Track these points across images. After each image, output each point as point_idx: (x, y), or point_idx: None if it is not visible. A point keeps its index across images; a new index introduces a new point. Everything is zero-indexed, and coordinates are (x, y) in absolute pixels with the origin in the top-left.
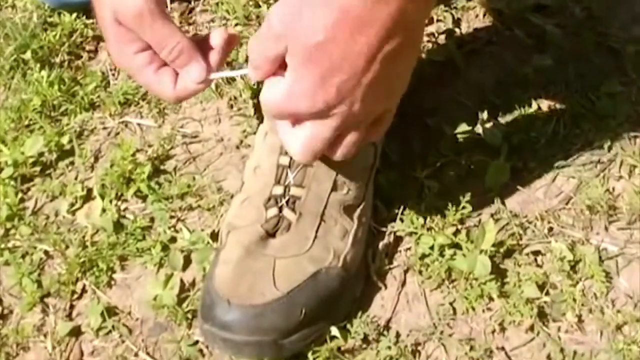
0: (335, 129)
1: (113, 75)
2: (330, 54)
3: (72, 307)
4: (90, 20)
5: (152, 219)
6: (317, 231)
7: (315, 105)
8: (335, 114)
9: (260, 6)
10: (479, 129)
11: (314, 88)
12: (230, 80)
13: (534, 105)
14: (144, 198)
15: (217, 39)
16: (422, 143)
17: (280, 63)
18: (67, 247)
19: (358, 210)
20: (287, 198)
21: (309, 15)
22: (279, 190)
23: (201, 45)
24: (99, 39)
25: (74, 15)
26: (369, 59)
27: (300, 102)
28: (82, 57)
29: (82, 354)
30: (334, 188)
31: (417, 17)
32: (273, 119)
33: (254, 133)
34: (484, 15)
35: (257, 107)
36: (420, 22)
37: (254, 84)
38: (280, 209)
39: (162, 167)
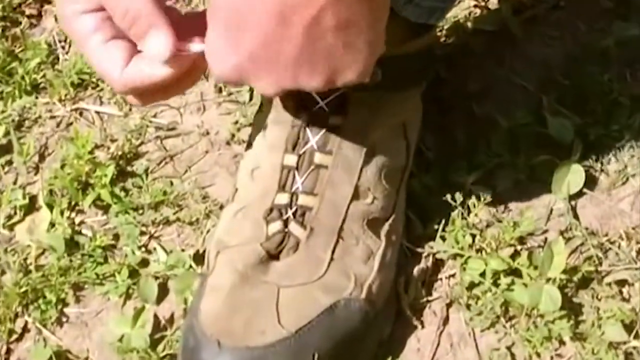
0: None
1: (63, 48)
2: (237, 9)
3: (9, 351)
4: None
5: (116, 236)
6: (333, 252)
7: (232, 70)
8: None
9: None
10: (543, 120)
11: (225, 52)
12: None
13: (616, 89)
14: (105, 208)
15: None
16: (468, 137)
17: None
18: (3, 272)
19: (386, 225)
20: (294, 209)
21: None
22: (283, 198)
23: (195, 22)
24: (42, 0)
25: None
26: (282, 22)
27: (216, 65)
28: (21, 23)
29: None
30: (355, 196)
31: None
32: (275, 105)
33: (249, 125)
34: None
35: (253, 92)
36: None
37: None
38: (286, 223)
39: (129, 169)
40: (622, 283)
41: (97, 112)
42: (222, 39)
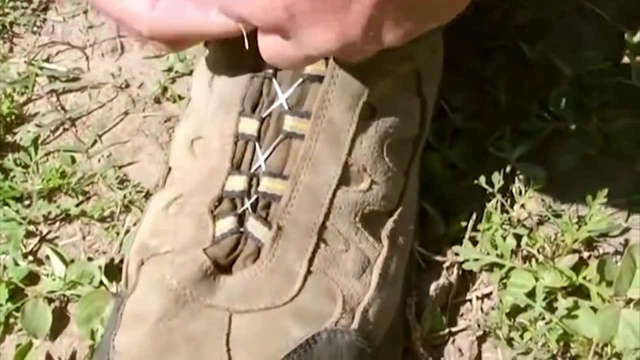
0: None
1: None
2: None
3: None
4: None
5: None
6: (310, 261)
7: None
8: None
9: None
10: (626, 65)
11: (325, 28)
12: None
13: None
14: None
15: None
16: (514, 93)
17: None
18: None
19: (390, 223)
20: (254, 198)
21: None
22: (238, 182)
23: None
24: None
25: None
26: None
27: (313, 46)
28: None
29: None
30: (344, 179)
31: None
32: (222, 45)
33: (189, 73)
34: None
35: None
36: None
37: None
38: (241, 220)
39: (9, 138)
40: None
41: None
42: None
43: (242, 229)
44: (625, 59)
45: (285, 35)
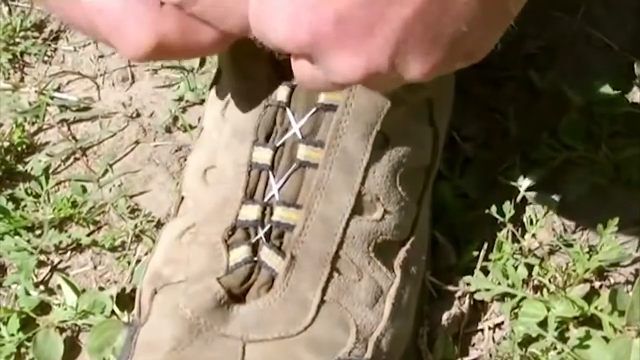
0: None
1: None
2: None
3: None
4: None
5: (1, 268)
6: (324, 291)
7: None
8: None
9: None
10: (635, 94)
11: (351, 57)
12: None
13: None
14: None
15: None
16: (524, 123)
17: None
18: None
19: (402, 252)
20: (267, 227)
21: None
22: (252, 212)
23: None
24: None
25: None
26: None
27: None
28: None
29: None
30: (358, 209)
31: None
32: (237, 75)
33: (200, 102)
34: None
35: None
36: None
37: None
38: (255, 249)
39: (20, 168)
40: None
41: None
42: (340, 51)
43: (255, 258)
44: (635, 89)
45: (312, 61)
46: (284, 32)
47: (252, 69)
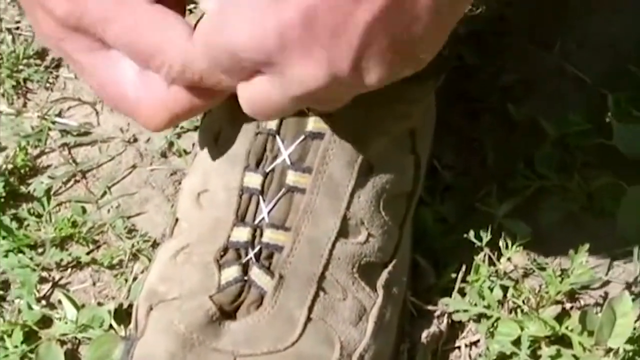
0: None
1: None
2: (332, 20)
3: None
4: None
5: (5, 284)
6: (310, 309)
7: (328, 82)
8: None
9: None
10: (606, 126)
11: (312, 67)
12: None
13: None
14: None
15: None
16: (501, 152)
17: None
18: None
19: (385, 274)
20: (257, 248)
21: None
22: (243, 234)
23: None
24: None
25: None
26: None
27: (300, 87)
28: None
29: None
30: (343, 232)
31: None
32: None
33: (194, 129)
34: None
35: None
36: None
37: None
38: (245, 268)
39: (23, 189)
40: None
41: None
42: (303, 58)
43: (246, 278)
44: (607, 121)
45: (272, 70)
46: (250, 38)
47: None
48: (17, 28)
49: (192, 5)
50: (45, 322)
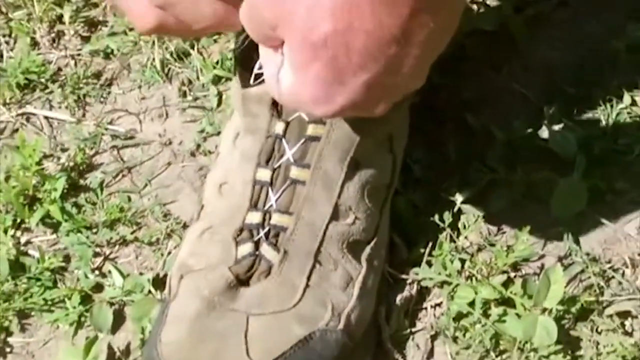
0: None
1: (7, 44)
2: (347, 48)
3: None
4: None
5: (66, 257)
6: (308, 278)
7: (342, 108)
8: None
9: None
10: (543, 132)
11: (327, 94)
12: (183, 56)
13: (626, 99)
14: (55, 227)
15: None
16: (461, 152)
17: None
18: None
19: (368, 249)
20: (266, 229)
21: None
22: (255, 217)
23: None
24: None
25: None
26: (407, 45)
27: (310, 107)
28: None
29: None
30: (335, 216)
31: None
32: (245, 113)
33: (217, 134)
34: None
35: (222, 96)
36: None
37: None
38: (257, 245)
39: (82, 182)
40: (624, 315)
41: (46, 118)
42: (320, 80)
43: (257, 253)
44: (543, 128)
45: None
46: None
47: (257, 109)
48: (79, 55)
49: None
50: (98, 288)
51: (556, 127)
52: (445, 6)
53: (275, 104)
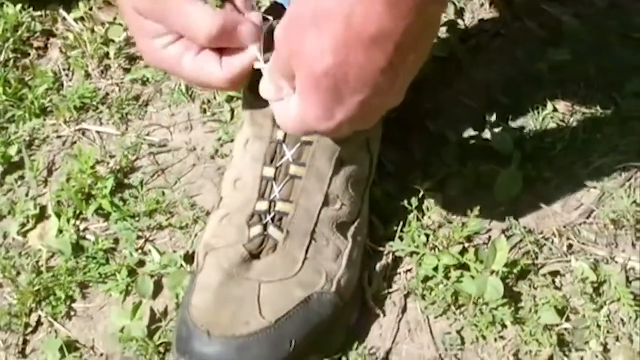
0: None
1: (67, 75)
2: (345, 77)
3: (25, 342)
4: (39, 12)
5: (116, 240)
6: (307, 252)
7: (339, 125)
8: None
9: None
10: (486, 134)
11: (329, 112)
12: None
13: (549, 107)
14: (106, 216)
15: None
16: (423, 151)
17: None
18: (18, 273)
19: (352, 228)
20: (272, 214)
21: (313, 36)
22: (263, 205)
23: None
24: (49, 33)
25: (19, 6)
26: (392, 73)
27: (319, 125)
28: (30, 55)
29: None
30: (326, 203)
31: (438, 9)
32: (253, 124)
33: (231, 141)
34: (491, 4)
35: (234, 112)
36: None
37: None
38: (265, 227)
39: (126, 181)
40: (555, 274)
41: (98, 132)
42: (322, 103)
43: (265, 233)
44: (486, 130)
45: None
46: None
47: (262, 121)
48: (122, 82)
49: None
50: (141, 264)
51: (496, 130)
52: (422, 42)
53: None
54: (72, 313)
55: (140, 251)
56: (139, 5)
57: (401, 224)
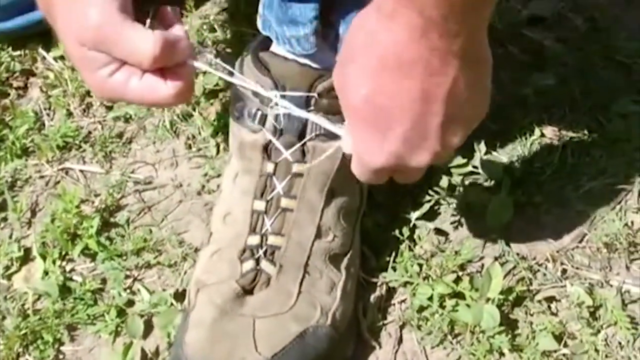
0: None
1: (48, 115)
2: (381, 105)
3: None
4: (17, 52)
5: (103, 280)
6: (300, 285)
7: (388, 158)
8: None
9: (215, 30)
10: (475, 161)
11: (377, 145)
12: (187, 117)
13: (537, 132)
14: (93, 256)
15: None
16: None
17: None
18: (3, 317)
19: (345, 260)
20: (264, 248)
21: (351, 69)
22: (254, 239)
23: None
24: (28, 73)
25: None
26: (426, 100)
27: (371, 159)
28: (9, 95)
29: None
30: (318, 235)
31: (470, 33)
32: (242, 158)
33: (218, 176)
34: None
35: (220, 147)
36: (479, 31)
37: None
38: (258, 262)
39: (112, 220)
40: (550, 299)
41: (81, 171)
42: (369, 135)
43: (258, 267)
44: (475, 157)
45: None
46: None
47: (251, 154)
48: (105, 120)
49: None
50: (130, 303)
51: (485, 157)
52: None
53: (265, 149)
54: (61, 356)
55: (128, 290)
56: (81, 36)
57: (393, 254)
